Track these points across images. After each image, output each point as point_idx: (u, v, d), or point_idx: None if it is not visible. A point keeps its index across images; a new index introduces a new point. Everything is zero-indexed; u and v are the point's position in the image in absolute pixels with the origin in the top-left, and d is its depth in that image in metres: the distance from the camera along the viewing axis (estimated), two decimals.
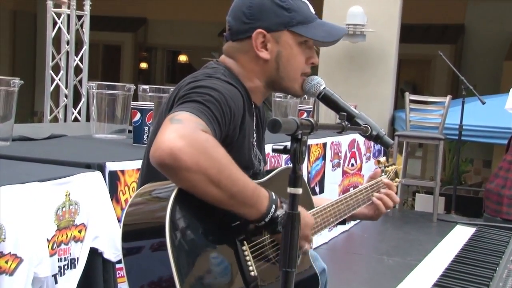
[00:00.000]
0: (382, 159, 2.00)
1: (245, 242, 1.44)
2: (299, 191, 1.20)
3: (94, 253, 2.21)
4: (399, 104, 8.31)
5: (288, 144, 1.23)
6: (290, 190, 1.20)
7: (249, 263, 1.43)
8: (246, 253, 1.43)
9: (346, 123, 1.44)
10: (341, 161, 4.92)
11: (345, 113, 1.50)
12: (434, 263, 1.67)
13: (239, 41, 1.64)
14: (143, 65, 14.96)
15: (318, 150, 4.39)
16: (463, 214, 6.56)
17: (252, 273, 1.43)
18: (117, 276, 2.38)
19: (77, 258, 2.16)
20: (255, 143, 1.68)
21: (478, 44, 11.22)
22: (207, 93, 1.43)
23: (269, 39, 1.61)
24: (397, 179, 2.03)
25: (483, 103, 5.95)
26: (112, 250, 2.28)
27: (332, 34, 1.65)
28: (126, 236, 1.33)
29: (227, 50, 1.69)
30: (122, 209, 2.43)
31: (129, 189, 2.47)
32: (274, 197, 1.41)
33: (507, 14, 11.01)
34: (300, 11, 1.62)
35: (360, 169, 5.43)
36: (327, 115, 5.45)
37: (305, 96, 4.93)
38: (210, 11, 12.40)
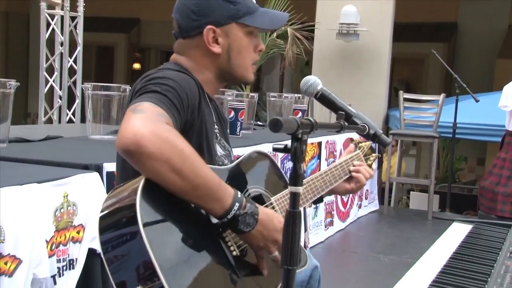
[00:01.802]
0: (355, 137, 2.01)
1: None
2: (300, 189, 1.21)
3: (92, 254, 2.21)
4: (392, 102, 8.33)
5: (288, 142, 1.24)
6: (290, 188, 1.21)
7: (229, 243, 1.44)
8: (225, 235, 1.45)
9: (344, 122, 1.45)
10: (336, 160, 4.94)
11: (343, 113, 1.51)
12: (433, 260, 1.69)
13: (189, 38, 1.69)
14: (137, 65, 14.93)
15: (314, 149, 4.41)
16: (458, 212, 6.59)
17: (234, 253, 1.45)
18: None
19: (76, 259, 2.17)
20: (218, 135, 1.71)
21: (471, 42, 11.26)
22: (163, 83, 1.48)
23: (219, 33, 1.66)
24: (373, 154, 2.04)
25: (477, 101, 5.98)
26: None
27: (275, 21, 1.73)
28: (102, 229, 1.34)
29: (177, 48, 1.74)
30: None
31: None
32: (239, 195, 1.40)
33: (499, 11, 11.06)
34: (244, 2, 1.67)
35: None
36: (321, 114, 5.47)
37: (300, 95, 4.97)
38: None
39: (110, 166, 2.36)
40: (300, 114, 4.52)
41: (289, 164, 3.92)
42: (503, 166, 5.83)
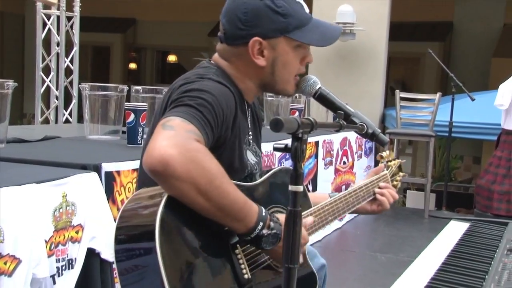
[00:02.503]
0: (385, 153, 2.00)
1: (238, 245, 1.44)
2: (300, 188, 1.22)
3: (91, 254, 2.22)
4: (388, 102, 8.35)
5: (288, 142, 1.24)
6: (291, 187, 1.22)
7: (242, 266, 1.43)
8: (239, 256, 1.44)
9: (343, 121, 1.46)
10: (333, 159, 4.95)
11: (342, 112, 1.52)
12: (431, 258, 1.70)
13: (234, 46, 1.64)
14: (133, 65, 14.93)
15: (311, 149, 4.42)
16: (454, 210, 6.62)
17: (246, 276, 1.43)
18: (115, 276, 2.40)
19: (75, 258, 2.17)
20: (251, 141, 1.69)
21: (467, 41, 11.29)
22: (199, 96, 1.43)
23: (266, 46, 1.60)
24: (400, 173, 2.03)
25: (473, 100, 6.00)
26: (110, 251, 2.28)
27: (326, 36, 1.64)
28: (118, 240, 1.34)
29: (221, 52, 1.68)
30: (118, 209, 2.44)
31: (125, 190, 2.49)
32: (263, 214, 1.40)
33: (495, 11, 11.09)
34: (296, 15, 1.60)
35: (352, 167, 5.46)
36: (318, 113, 5.48)
37: (297, 95, 4.99)
38: (199, 11, 12.40)
39: (108, 166, 2.37)
40: (297, 113, 4.54)
41: (287, 163, 3.93)
42: (499, 165, 5.86)
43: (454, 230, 2.02)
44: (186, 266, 1.30)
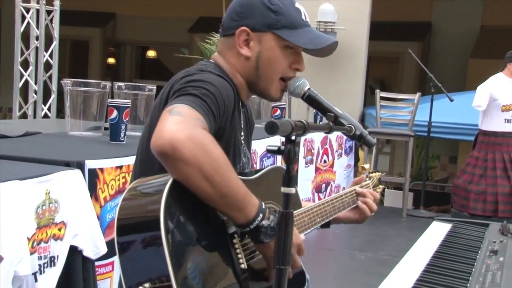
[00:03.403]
0: (367, 165, 2.05)
1: (235, 235, 1.47)
2: (293, 190, 1.23)
3: (73, 251, 2.21)
4: (367, 101, 8.41)
5: (279, 143, 1.25)
6: (283, 189, 1.23)
7: (239, 255, 1.46)
8: (236, 246, 1.46)
9: (333, 123, 1.47)
10: (314, 158, 4.98)
11: (333, 114, 1.53)
12: (416, 259, 1.72)
13: (227, 37, 1.67)
14: (111, 60, 14.81)
15: None
16: (430, 209, 6.69)
17: (242, 266, 1.46)
18: (97, 273, 2.39)
19: (57, 256, 2.16)
20: (242, 141, 1.70)
21: (445, 41, 11.40)
22: (203, 87, 1.46)
23: (253, 37, 1.62)
24: (380, 186, 2.08)
25: (451, 100, 6.07)
26: (92, 248, 2.28)
27: (315, 42, 1.64)
28: (121, 231, 1.35)
29: (218, 46, 1.72)
30: (101, 207, 2.43)
31: (108, 187, 2.48)
32: (263, 206, 1.43)
33: (472, 12, 11.22)
34: (288, 15, 1.62)
35: (332, 166, 5.49)
36: (299, 112, 5.50)
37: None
38: (180, 7, 12.35)
39: (92, 163, 2.36)
40: (278, 111, 4.55)
41: (268, 162, 3.94)
42: (476, 165, 5.94)
43: (437, 231, 2.05)
44: (189, 254, 1.33)
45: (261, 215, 1.40)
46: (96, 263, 2.36)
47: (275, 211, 1.46)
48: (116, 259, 2.48)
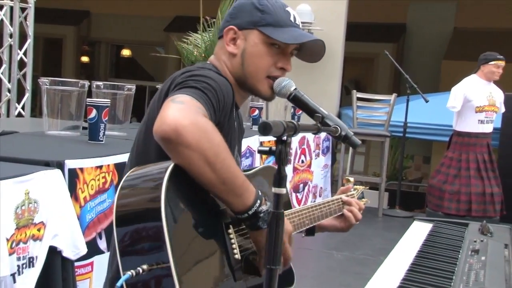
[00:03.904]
0: (351, 178, 2.09)
1: (231, 226, 1.49)
2: (283, 191, 1.24)
3: (53, 252, 2.18)
4: (343, 101, 8.47)
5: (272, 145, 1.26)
6: (274, 190, 1.24)
7: (234, 245, 1.48)
8: (231, 236, 1.49)
9: (320, 124, 1.48)
10: (292, 158, 4.99)
11: (320, 115, 1.54)
12: (399, 258, 1.74)
13: (220, 39, 1.73)
14: (85, 59, 14.68)
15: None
16: (405, 209, 6.75)
17: (236, 256, 1.48)
18: (76, 274, 2.36)
19: (36, 256, 2.13)
20: (236, 145, 1.73)
21: (419, 43, 11.53)
22: (204, 81, 1.50)
23: (239, 35, 1.68)
24: (364, 199, 2.10)
25: (427, 101, 6.14)
26: (71, 249, 2.26)
27: (295, 37, 1.68)
28: (120, 220, 1.36)
29: (214, 49, 1.77)
30: (81, 207, 2.41)
31: (88, 187, 2.46)
32: (260, 194, 1.46)
33: (446, 14, 11.36)
34: (274, 14, 1.67)
35: (309, 166, 5.51)
36: (276, 112, 5.52)
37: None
38: (155, 6, 12.28)
39: (71, 163, 2.33)
40: (257, 111, 4.55)
41: (247, 162, 3.95)
42: (450, 165, 6.02)
43: (418, 230, 2.07)
44: (187, 239, 1.35)
45: (258, 201, 1.44)
46: (76, 264, 2.34)
47: (270, 201, 1.47)
48: (95, 259, 2.49)
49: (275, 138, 1.28)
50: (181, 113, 1.35)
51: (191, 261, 1.34)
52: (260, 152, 1.32)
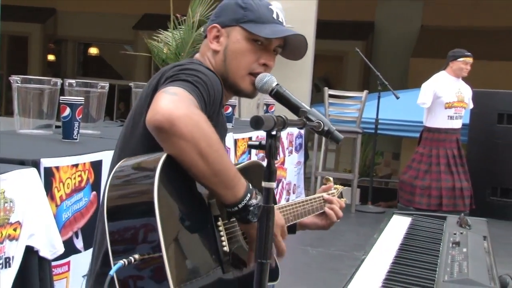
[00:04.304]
0: (331, 178, 2.10)
1: (220, 218, 1.50)
2: (273, 185, 1.24)
3: (29, 251, 2.15)
4: (313, 99, 8.51)
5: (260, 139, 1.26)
6: (264, 184, 1.25)
7: (222, 238, 1.49)
8: (220, 228, 1.49)
9: (306, 119, 1.49)
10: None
11: (306, 110, 1.55)
12: (383, 252, 1.75)
13: (206, 38, 1.74)
14: (51, 57, 14.48)
15: (244, 144, 4.44)
16: (377, 205, 6.83)
17: (225, 248, 1.49)
18: (53, 274, 2.33)
19: (12, 257, 2.10)
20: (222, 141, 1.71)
21: (387, 41, 11.67)
22: (195, 75, 1.50)
23: (222, 33, 1.69)
24: (343, 199, 2.12)
25: (398, 98, 6.20)
26: (48, 248, 2.23)
27: (275, 32, 1.69)
28: (112, 211, 1.35)
29: (200, 48, 1.78)
30: (57, 206, 2.38)
31: (64, 186, 2.42)
32: (250, 187, 1.47)
33: (413, 12, 11.52)
34: (256, 11, 1.68)
35: (283, 163, 5.53)
36: (249, 109, 5.52)
37: None
38: (123, 3, 12.18)
39: (47, 162, 2.30)
40: (230, 109, 4.55)
41: None
42: (421, 161, 6.10)
43: (398, 224, 2.10)
44: (179, 233, 1.36)
45: (249, 194, 1.44)
46: (52, 263, 2.31)
47: (261, 194, 1.48)
48: (72, 258, 2.46)
49: (264, 133, 1.28)
50: (175, 104, 1.35)
51: (181, 252, 1.35)
52: (250, 146, 1.34)
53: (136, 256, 1.27)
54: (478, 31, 10.84)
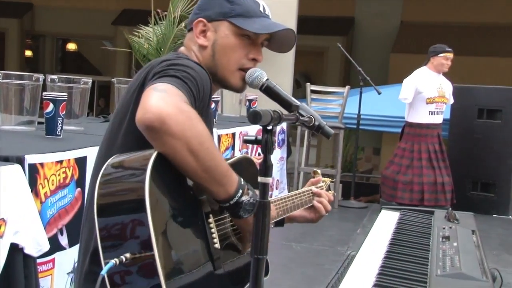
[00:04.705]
0: (319, 170, 2.11)
1: (211, 215, 1.49)
2: (269, 180, 1.23)
3: (14, 249, 2.12)
4: (294, 94, 8.52)
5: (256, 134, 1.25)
6: (260, 179, 1.24)
7: (213, 235, 1.48)
8: (211, 225, 1.48)
9: (299, 114, 1.49)
10: (249, 151, 4.98)
11: (298, 105, 1.54)
12: (374, 247, 1.76)
13: (190, 31, 1.71)
14: (29, 53, 14.31)
15: (228, 140, 4.42)
16: (359, 200, 6.86)
17: (216, 245, 1.48)
18: (38, 271, 2.30)
19: None
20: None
21: (367, 36, 11.72)
22: (184, 70, 1.48)
23: (209, 27, 1.66)
24: (331, 191, 2.12)
25: (379, 93, 6.23)
26: (33, 245, 2.20)
27: (266, 27, 1.67)
28: (102, 210, 1.33)
29: (184, 41, 1.75)
30: (41, 202, 2.35)
31: (48, 182, 2.39)
32: (242, 182, 1.46)
33: (393, 8, 11.59)
34: (244, 5, 1.66)
35: None
36: (231, 106, 5.51)
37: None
38: None
39: (32, 158, 2.27)
40: (213, 105, 4.52)
41: None
42: (403, 156, 6.13)
43: (387, 219, 2.10)
44: (170, 231, 1.34)
45: (240, 190, 1.43)
46: (37, 261, 2.28)
47: (253, 189, 1.49)
48: (57, 255, 2.43)
49: (261, 127, 1.27)
50: (165, 101, 1.33)
51: (173, 250, 1.33)
52: (246, 141, 1.34)
53: (128, 255, 1.25)
54: (457, 27, 10.95)
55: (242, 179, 1.46)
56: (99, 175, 1.37)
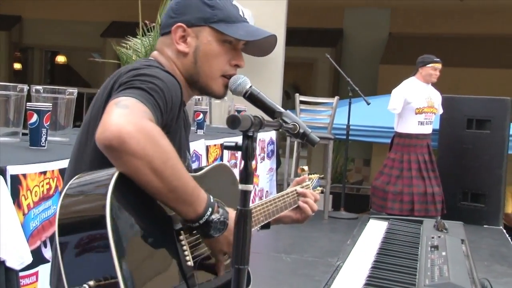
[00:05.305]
0: (306, 167, 2.05)
1: (182, 232, 1.43)
2: (250, 187, 1.20)
3: None
4: (283, 106, 8.50)
5: (238, 140, 1.22)
6: (241, 187, 1.20)
7: (186, 252, 1.42)
8: (183, 242, 1.42)
9: (282, 121, 1.46)
10: (238, 162, 4.95)
11: (282, 111, 1.51)
12: (361, 256, 1.72)
13: (165, 35, 1.65)
14: (18, 66, 14.23)
15: (216, 151, 4.39)
16: (348, 211, 6.83)
17: (189, 263, 1.42)
18: (21, 285, 2.26)
19: None
20: (185, 145, 1.66)
21: (356, 48, 11.74)
22: (150, 81, 1.42)
23: (189, 33, 1.61)
24: (319, 188, 2.08)
25: (368, 104, 6.22)
26: (16, 258, 2.16)
27: (252, 33, 1.64)
28: (63, 230, 1.27)
29: (157, 45, 1.69)
30: (24, 214, 2.31)
31: (31, 194, 2.35)
32: (211, 200, 1.40)
33: (381, 20, 11.63)
34: (224, 10, 1.62)
35: (255, 169, 5.49)
36: (220, 116, 5.48)
37: (200, 97, 4.92)
38: (90, 11, 12.05)
39: (14, 169, 2.23)
40: (201, 115, 4.50)
41: (193, 166, 3.88)
42: (393, 166, 6.12)
43: (375, 228, 2.07)
44: (136, 250, 1.28)
45: (210, 209, 1.38)
46: (20, 274, 2.23)
47: (224, 207, 1.43)
48: (40, 268, 2.38)
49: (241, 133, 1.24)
50: (125, 118, 1.26)
51: (142, 273, 1.27)
52: (226, 148, 1.29)
53: (91, 283, 1.20)
54: (445, 38, 11.00)
55: (211, 197, 1.40)
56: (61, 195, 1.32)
